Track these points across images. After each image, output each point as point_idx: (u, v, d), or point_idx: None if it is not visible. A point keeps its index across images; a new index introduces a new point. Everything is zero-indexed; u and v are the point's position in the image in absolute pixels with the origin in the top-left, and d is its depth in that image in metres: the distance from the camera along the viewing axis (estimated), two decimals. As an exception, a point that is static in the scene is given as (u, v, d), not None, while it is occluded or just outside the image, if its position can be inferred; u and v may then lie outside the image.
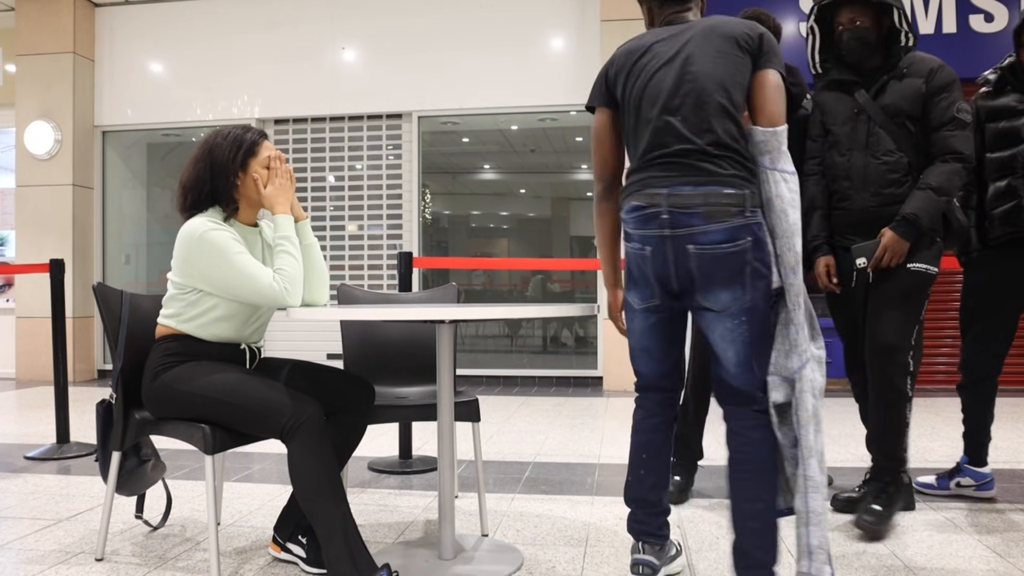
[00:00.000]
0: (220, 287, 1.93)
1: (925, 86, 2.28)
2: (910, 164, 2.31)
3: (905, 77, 2.31)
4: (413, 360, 2.60)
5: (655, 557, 1.82)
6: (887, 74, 2.33)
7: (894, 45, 2.33)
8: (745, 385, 1.67)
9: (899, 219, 2.24)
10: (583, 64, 5.89)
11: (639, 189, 1.70)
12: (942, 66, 2.31)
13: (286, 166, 2.06)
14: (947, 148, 2.25)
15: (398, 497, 2.77)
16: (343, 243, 6.37)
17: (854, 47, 2.33)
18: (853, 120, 2.37)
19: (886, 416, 2.31)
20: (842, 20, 2.34)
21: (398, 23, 6.18)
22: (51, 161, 6.37)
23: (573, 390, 5.82)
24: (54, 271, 3.55)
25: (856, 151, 2.35)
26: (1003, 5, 5.46)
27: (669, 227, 1.64)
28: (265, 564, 2.08)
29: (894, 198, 2.30)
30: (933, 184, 2.23)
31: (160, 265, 6.78)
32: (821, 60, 2.46)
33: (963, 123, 2.26)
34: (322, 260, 2.15)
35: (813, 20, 2.42)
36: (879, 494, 2.31)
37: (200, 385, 1.90)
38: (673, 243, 1.64)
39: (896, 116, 2.31)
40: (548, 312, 1.80)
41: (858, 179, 2.34)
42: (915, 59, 2.33)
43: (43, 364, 6.23)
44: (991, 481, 2.62)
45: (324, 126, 6.37)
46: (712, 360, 1.72)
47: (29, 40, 6.41)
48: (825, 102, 2.45)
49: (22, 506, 2.66)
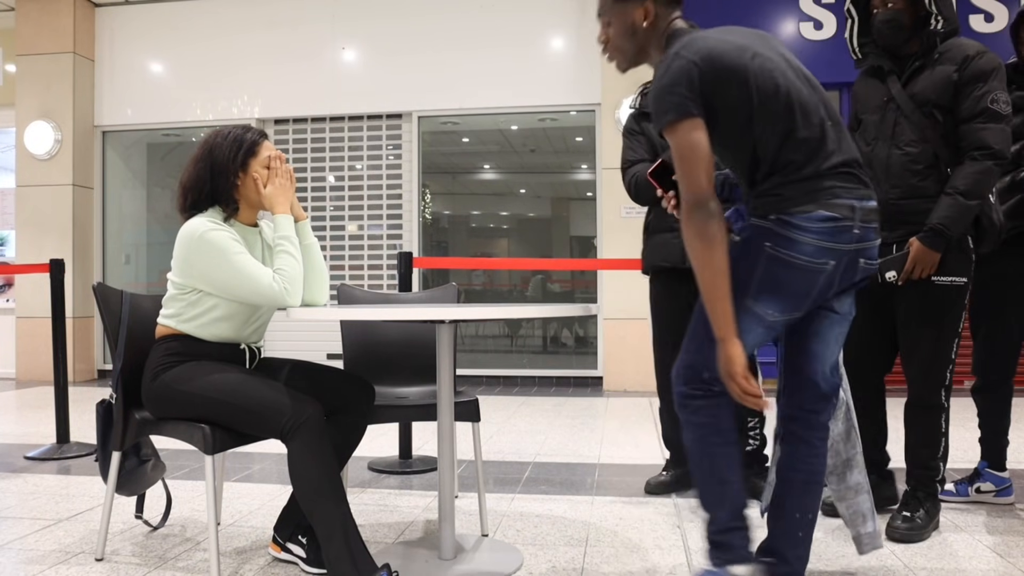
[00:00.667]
0: (220, 287, 1.93)
1: (957, 74, 2.12)
2: (936, 156, 2.16)
3: (938, 64, 2.16)
4: (413, 360, 2.60)
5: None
6: (920, 60, 2.20)
7: (924, 29, 2.18)
8: (833, 388, 1.70)
9: (927, 230, 2.12)
10: (583, 64, 5.89)
11: (827, 199, 1.54)
12: (981, 52, 2.13)
13: (286, 166, 2.06)
14: (977, 142, 2.10)
15: (398, 497, 2.77)
16: (343, 243, 6.37)
17: (885, 31, 2.21)
18: (882, 108, 2.26)
19: (922, 427, 2.26)
20: (875, 2, 2.24)
21: (398, 23, 6.18)
22: (51, 161, 6.37)
23: (573, 390, 5.82)
24: (54, 271, 3.55)
25: (881, 141, 2.24)
26: (1003, 5, 5.46)
27: (857, 241, 1.58)
28: (265, 564, 2.08)
29: (916, 190, 2.17)
30: (961, 188, 2.09)
31: (160, 265, 6.78)
32: (860, 44, 2.33)
33: (997, 115, 2.08)
34: (322, 260, 2.15)
35: (850, 2, 2.31)
36: (909, 501, 2.28)
37: (200, 385, 1.90)
38: (852, 257, 1.59)
39: (924, 105, 2.17)
40: (548, 312, 1.80)
41: (880, 169, 2.23)
42: (953, 45, 2.17)
43: (43, 364, 6.23)
44: (1010, 486, 2.56)
45: (324, 126, 6.37)
46: (807, 365, 1.68)
47: (29, 40, 6.41)
48: (859, 90, 2.37)
49: (22, 506, 2.66)
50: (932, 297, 2.19)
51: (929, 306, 2.20)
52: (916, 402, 2.27)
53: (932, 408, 2.24)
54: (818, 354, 1.68)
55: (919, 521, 2.23)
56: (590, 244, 6.54)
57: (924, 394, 2.24)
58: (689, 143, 1.55)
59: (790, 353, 1.72)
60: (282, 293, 1.92)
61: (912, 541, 2.20)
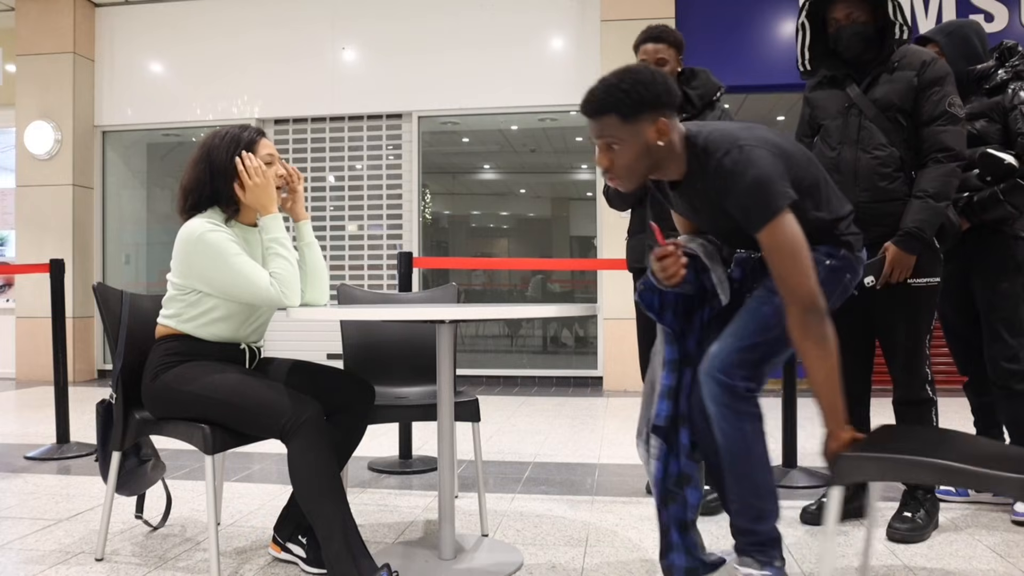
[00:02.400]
0: (218, 288, 1.93)
1: (917, 79, 2.21)
2: (902, 159, 2.24)
3: (897, 70, 2.24)
4: (413, 360, 2.60)
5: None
6: (879, 67, 2.27)
7: (888, 38, 2.27)
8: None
9: (902, 234, 2.17)
10: (583, 64, 5.89)
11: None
12: (935, 59, 2.24)
13: (262, 167, 2.00)
14: (938, 145, 2.19)
15: (398, 497, 2.77)
16: (343, 243, 6.37)
17: (855, 43, 2.26)
18: (844, 114, 2.31)
19: (916, 423, 2.27)
20: (837, 15, 2.27)
21: (398, 23, 6.18)
22: (51, 161, 6.37)
23: (573, 390, 5.82)
24: (54, 271, 3.55)
25: (846, 145, 2.29)
26: (1003, 5, 5.46)
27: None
28: (265, 564, 2.08)
29: (885, 193, 2.24)
30: (931, 190, 2.16)
31: (160, 265, 6.78)
32: (811, 57, 2.39)
33: (955, 117, 2.19)
34: (322, 260, 2.15)
35: (804, 16, 2.35)
36: (909, 501, 2.29)
37: (200, 385, 1.90)
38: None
39: (887, 110, 2.24)
40: (548, 312, 1.80)
41: (848, 173, 2.27)
42: (908, 52, 2.26)
43: (43, 364, 6.23)
44: None
45: (324, 126, 6.37)
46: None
47: (29, 40, 6.41)
48: (815, 98, 2.41)
49: (22, 506, 2.66)
50: (910, 299, 2.24)
51: (908, 307, 2.25)
52: (905, 400, 2.29)
53: (922, 403, 2.27)
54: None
55: (919, 521, 2.23)
56: (590, 244, 6.54)
57: (912, 391, 2.27)
58: (796, 236, 1.53)
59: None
60: (279, 295, 1.92)
61: (912, 541, 2.20)
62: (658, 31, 2.54)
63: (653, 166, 1.64)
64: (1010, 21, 5.45)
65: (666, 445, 1.75)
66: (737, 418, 1.61)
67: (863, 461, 1.43)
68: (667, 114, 1.59)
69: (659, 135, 1.59)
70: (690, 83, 2.58)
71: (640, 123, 1.57)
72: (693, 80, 2.59)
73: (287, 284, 1.95)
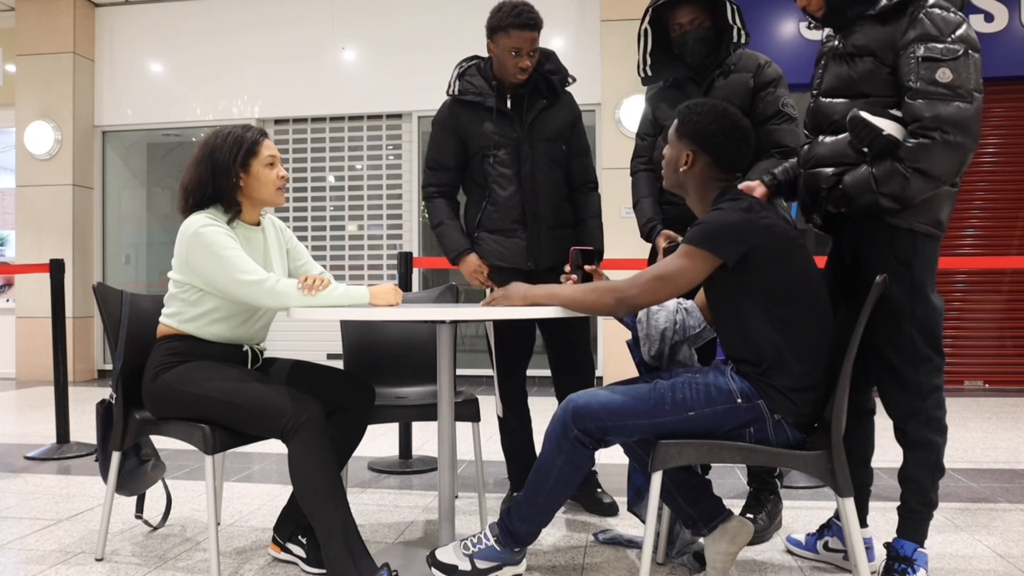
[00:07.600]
0: (210, 282, 1.92)
1: (753, 81, 2.29)
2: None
3: (732, 73, 2.31)
4: (413, 360, 2.60)
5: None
6: (717, 70, 2.32)
7: (726, 42, 2.32)
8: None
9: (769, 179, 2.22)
10: (583, 64, 5.89)
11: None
12: (769, 62, 2.33)
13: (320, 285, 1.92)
14: (775, 142, 2.27)
15: (398, 497, 2.77)
16: (343, 243, 6.37)
17: (699, 48, 2.30)
18: None
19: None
20: (681, 21, 2.30)
21: (398, 23, 6.18)
22: (51, 161, 6.37)
23: (573, 390, 5.80)
24: (54, 271, 3.55)
25: None
26: (1003, 5, 5.46)
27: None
28: (265, 564, 2.08)
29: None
30: (776, 173, 2.19)
31: (160, 265, 6.78)
32: (652, 62, 2.40)
33: (789, 116, 2.28)
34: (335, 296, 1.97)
35: (647, 23, 2.36)
36: (752, 503, 2.32)
37: (201, 385, 1.90)
38: None
39: None
40: (548, 312, 1.79)
41: None
42: (743, 55, 2.34)
43: (43, 364, 6.24)
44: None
45: (324, 126, 6.37)
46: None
47: (29, 40, 6.41)
48: (660, 100, 2.43)
49: (22, 506, 2.66)
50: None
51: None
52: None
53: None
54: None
55: (761, 523, 2.25)
56: (590, 244, 6.52)
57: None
58: (681, 273, 1.69)
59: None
60: (270, 292, 1.86)
61: (755, 543, 2.18)
62: (533, 16, 2.38)
63: (679, 184, 1.89)
64: (1010, 21, 5.45)
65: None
66: (558, 450, 1.72)
67: (683, 447, 1.66)
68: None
69: (685, 162, 1.84)
70: (543, 66, 2.50)
71: (681, 143, 1.85)
72: (547, 63, 2.51)
73: (285, 292, 1.87)
